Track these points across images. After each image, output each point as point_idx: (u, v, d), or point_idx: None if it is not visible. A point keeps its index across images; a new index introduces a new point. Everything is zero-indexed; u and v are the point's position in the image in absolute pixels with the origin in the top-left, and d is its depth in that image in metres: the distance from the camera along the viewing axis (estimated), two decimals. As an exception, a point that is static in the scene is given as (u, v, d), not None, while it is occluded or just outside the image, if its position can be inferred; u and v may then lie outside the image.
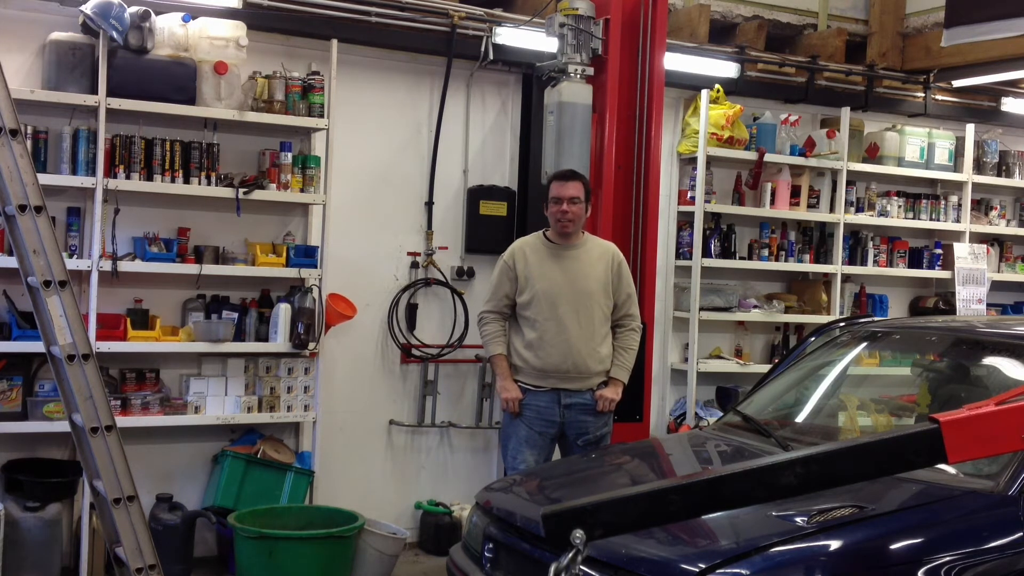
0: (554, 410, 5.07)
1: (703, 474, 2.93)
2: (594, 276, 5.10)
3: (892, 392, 5.09)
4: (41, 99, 5.21)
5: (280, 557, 5.07)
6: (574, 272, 5.09)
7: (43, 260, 3.76)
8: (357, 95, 6.20)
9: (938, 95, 7.90)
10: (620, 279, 5.15)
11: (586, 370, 5.06)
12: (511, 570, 3.75)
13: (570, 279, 5.07)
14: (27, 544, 5.15)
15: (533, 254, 5.14)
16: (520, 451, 5.09)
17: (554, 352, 5.03)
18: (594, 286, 5.08)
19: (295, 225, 6.06)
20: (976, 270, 7.83)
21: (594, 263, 5.12)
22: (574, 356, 5.03)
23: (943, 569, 3.05)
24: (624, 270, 5.18)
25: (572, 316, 5.03)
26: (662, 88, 5.48)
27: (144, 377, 5.56)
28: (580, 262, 5.11)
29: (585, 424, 5.08)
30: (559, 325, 5.03)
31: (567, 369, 5.04)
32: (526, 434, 5.09)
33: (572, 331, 5.03)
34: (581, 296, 5.05)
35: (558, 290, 5.05)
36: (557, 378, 5.05)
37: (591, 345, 5.06)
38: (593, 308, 5.07)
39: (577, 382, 5.07)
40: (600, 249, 5.19)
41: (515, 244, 5.25)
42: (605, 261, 5.13)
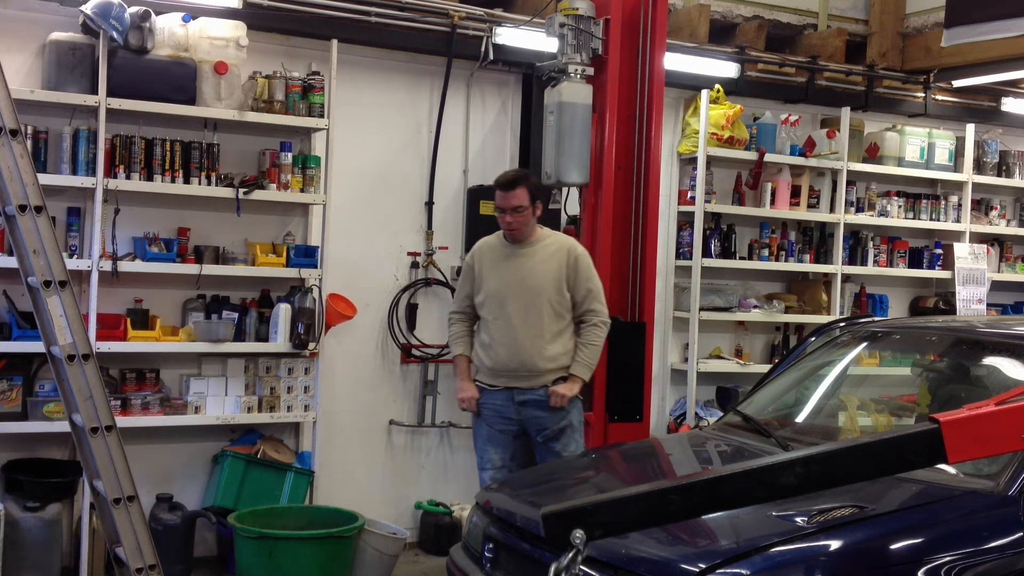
0: (510, 408, 5.04)
1: (703, 474, 2.93)
2: (545, 273, 5.01)
3: (892, 392, 5.09)
4: (41, 99, 5.21)
5: (280, 557, 5.07)
6: (524, 270, 5.03)
7: (43, 260, 3.76)
8: (357, 95, 6.20)
9: (938, 95, 7.90)
10: (577, 274, 5.04)
11: (535, 368, 4.99)
12: (511, 570, 3.75)
13: (519, 277, 5.02)
14: (27, 544, 5.15)
15: (489, 254, 5.13)
16: (485, 450, 5.11)
17: (503, 351, 5.00)
18: (544, 283, 5.00)
19: (295, 225, 6.06)
20: (976, 270, 7.83)
21: (546, 260, 5.04)
22: (522, 355, 4.98)
23: (943, 569, 3.05)
24: (582, 264, 5.06)
25: (520, 315, 4.98)
26: (662, 88, 5.48)
27: (144, 377, 5.56)
28: (532, 260, 5.05)
29: (542, 420, 5.01)
30: (507, 324, 5.00)
31: (515, 368, 5.00)
32: (487, 433, 5.11)
33: (519, 330, 4.97)
34: (529, 294, 4.99)
35: (507, 289, 5.02)
36: (508, 377, 5.02)
37: (539, 343, 4.98)
38: (542, 306, 4.98)
39: (527, 380, 5.01)
40: (556, 245, 5.09)
41: (478, 243, 5.24)
42: (559, 257, 5.03)
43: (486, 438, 5.11)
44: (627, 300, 5.45)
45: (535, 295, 4.99)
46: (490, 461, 5.08)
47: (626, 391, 5.37)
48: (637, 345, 5.41)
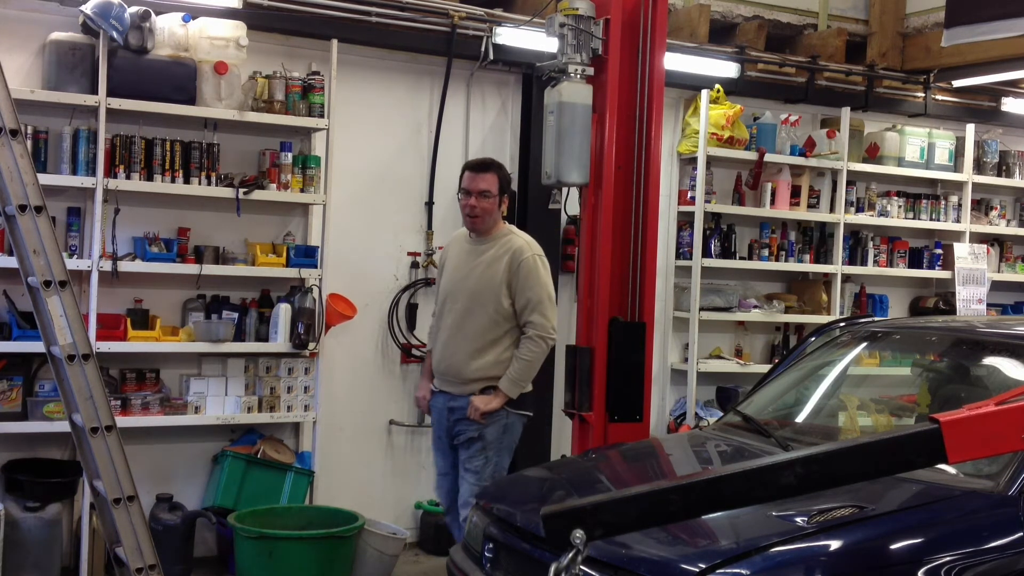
0: (443, 412, 4.90)
1: (703, 474, 2.93)
2: (489, 276, 4.78)
3: (892, 392, 5.09)
4: (41, 99, 5.22)
5: (280, 557, 5.07)
6: (474, 270, 4.83)
7: (43, 260, 3.76)
8: (357, 95, 6.20)
9: (938, 95, 7.90)
10: (519, 281, 4.77)
11: (459, 375, 4.81)
12: (511, 570, 3.75)
13: (468, 277, 4.84)
14: (27, 544, 5.15)
15: (454, 249, 4.99)
16: (434, 453, 5.08)
17: (437, 353, 4.90)
18: (485, 287, 4.77)
19: (295, 225, 6.06)
20: (976, 270, 7.83)
21: (493, 262, 4.81)
22: (449, 358, 4.83)
23: (943, 569, 3.05)
24: (524, 272, 4.77)
25: (459, 317, 4.81)
26: (662, 88, 5.47)
27: (144, 377, 5.56)
28: (481, 259, 4.84)
29: (460, 429, 4.85)
30: (447, 325, 4.87)
31: (444, 371, 4.87)
32: (433, 438, 5.06)
33: (454, 333, 4.82)
34: (471, 296, 4.80)
35: (454, 288, 4.87)
36: (441, 380, 4.91)
37: (470, 349, 4.76)
38: (480, 311, 4.77)
39: (455, 386, 4.84)
40: (507, 247, 4.83)
41: (454, 234, 5.16)
42: (505, 262, 4.78)
43: (433, 443, 5.07)
44: (627, 300, 5.43)
45: (475, 298, 4.79)
46: (437, 466, 5.04)
47: (626, 391, 5.36)
48: (637, 345, 5.40)
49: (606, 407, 5.37)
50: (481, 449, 4.78)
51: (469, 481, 4.80)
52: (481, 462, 4.78)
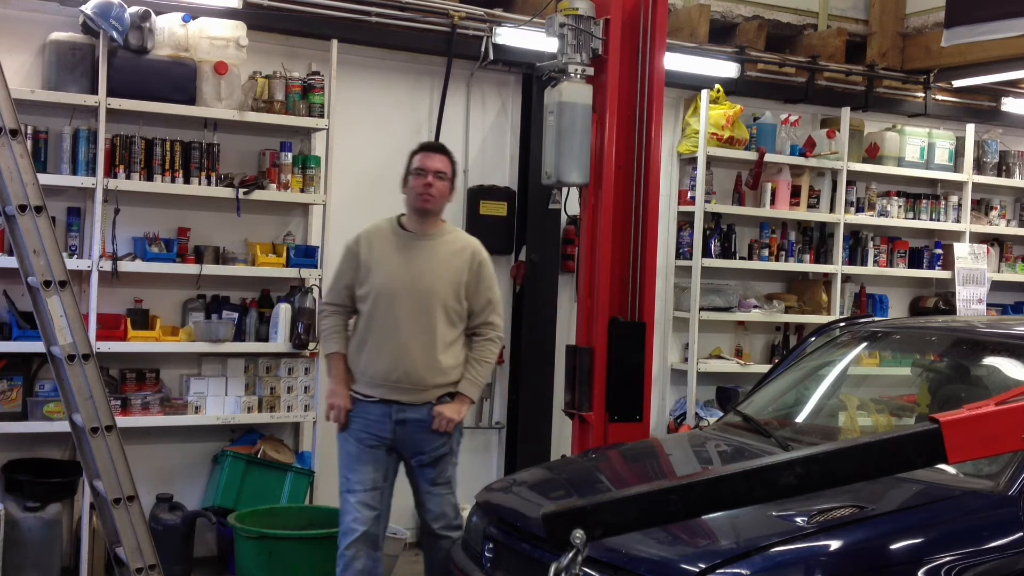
0: (385, 425, 4.40)
1: (703, 474, 2.93)
2: (444, 274, 4.43)
3: (892, 392, 5.09)
4: (41, 99, 5.22)
5: (280, 557, 5.07)
6: (421, 266, 4.43)
7: (43, 260, 3.76)
8: (357, 95, 6.20)
9: (938, 95, 7.90)
10: (479, 280, 4.49)
11: (420, 382, 4.38)
12: (511, 570, 3.75)
13: (415, 274, 4.41)
14: (27, 544, 5.15)
15: (381, 242, 4.50)
16: (352, 470, 4.42)
17: (383, 358, 4.37)
18: (441, 285, 4.41)
19: (295, 225, 6.06)
20: (976, 270, 7.83)
21: (448, 259, 4.47)
22: (406, 364, 4.35)
23: (943, 569, 3.05)
24: (486, 271, 4.52)
25: (410, 318, 4.36)
26: (662, 88, 5.47)
27: (144, 377, 5.56)
28: (431, 255, 4.46)
29: (420, 444, 4.43)
30: (393, 327, 4.36)
31: (397, 379, 4.36)
32: (355, 451, 4.43)
33: (407, 335, 4.35)
34: (424, 295, 4.39)
35: (397, 285, 4.39)
36: (387, 388, 4.38)
37: (429, 353, 4.37)
38: (435, 310, 4.39)
39: (410, 395, 4.38)
40: (460, 244, 4.54)
41: (365, 228, 4.62)
42: (463, 258, 4.47)
43: (355, 456, 4.43)
44: (627, 300, 5.44)
45: (429, 297, 4.39)
46: (360, 483, 4.40)
47: (626, 391, 5.35)
48: (637, 345, 5.40)
49: (606, 407, 5.37)
50: (450, 460, 4.55)
51: (443, 494, 4.56)
52: (451, 472, 4.56)
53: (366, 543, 4.39)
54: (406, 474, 4.57)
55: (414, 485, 4.58)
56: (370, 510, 4.40)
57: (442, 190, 4.49)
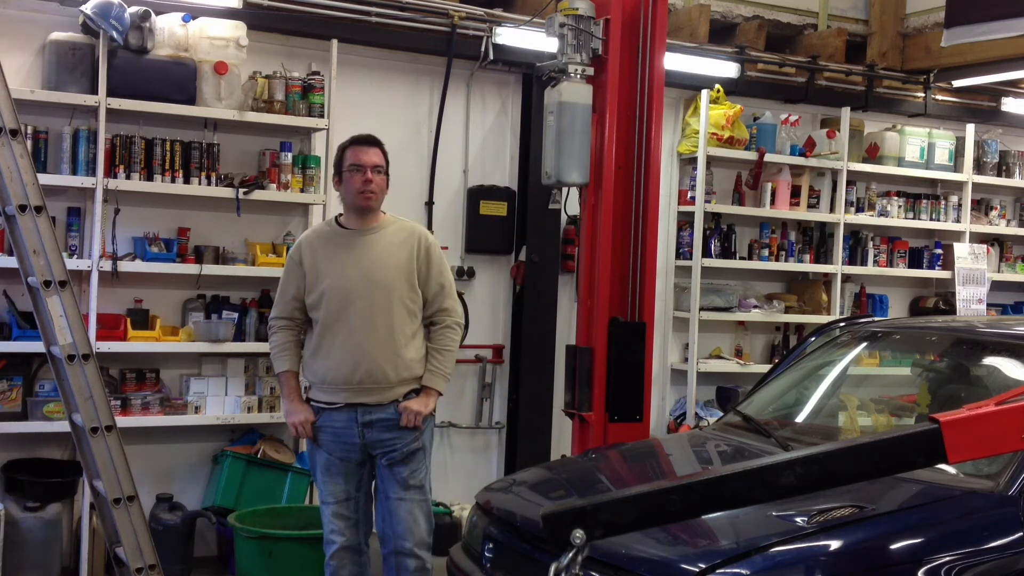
0: (353, 430, 4.23)
1: (703, 474, 2.93)
2: (394, 264, 4.25)
3: (892, 392, 5.09)
4: (41, 99, 5.22)
5: (280, 557, 5.07)
6: (369, 261, 4.25)
7: (43, 260, 3.76)
8: (357, 95, 6.20)
9: (938, 95, 7.90)
10: (429, 266, 4.30)
11: (384, 380, 4.20)
12: (511, 570, 3.74)
13: (364, 270, 4.23)
14: (27, 544, 5.15)
15: (323, 245, 4.31)
16: (324, 481, 4.32)
17: (345, 361, 4.18)
18: (394, 276, 4.23)
19: (295, 225, 6.06)
20: (976, 270, 7.83)
21: (394, 249, 4.28)
22: (367, 363, 4.17)
23: (943, 569, 3.05)
24: (434, 255, 4.33)
25: (365, 315, 4.19)
26: (662, 88, 5.47)
27: (144, 377, 5.56)
28: (377, 248, 4.28)
29: (390, 442, 4.24)
30: (349, 327, 4.19)
31: (360, 380, 4.18)
32: (326, 461, 4.30)
33: (364, 333, 4.18)
34: (377, 290, 4.20)
35: (348, 285, 4.21)
36: (350, 392, 4.20)
37: (391, 349, 4.20)
38: (393, 304, 4.21)
39: (375, 395, 4.21)
40: (404, 232, 4.34)
41: (302, 236, 4.48)
42: (409, 246, 4.29)
43: (324, 468, 4.31)
44: (627, 300, 5.44)
45: (384, 291, 4.21)
46: (331, 494, 4.29)
47: (626, 391, 5.36)
48: (637, 345, 5.40)
49: (606, 407, 5.37)
50: (422, 458, 4.31)
51: (416, 500, 4.28)
52: (423, 474, 4.32)
53: (348, 552, 4.32)
54: (377, 481, 4.35)
55: (383, 493, 4.31)
56: (345, 520, 4.31)
57: (381, 184, 4.30)
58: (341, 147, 4.39)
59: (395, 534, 4.27)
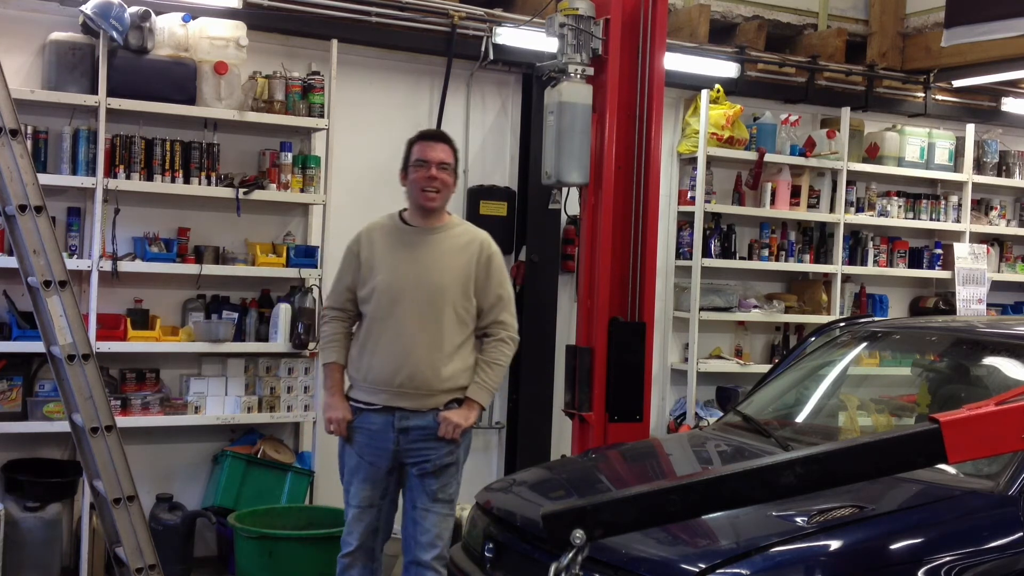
0: (388, 435, 4.07)
1: (703, 474, 2.93)
2: (451, 268, 4.10)
3: (892, 392, 5.09)
4: (41, 99, 5.22)
5: (280, 557, 5.07)
6: (426, 262, 4.11)
7: (43, 260, 3.76)
8: (357, 95, 6.20)
9: (938, 95, 7.90)
10: (489, 277, 4.15)
11: (425, 386, 4.04)
12: (511, 570, 3.75)
13: (419, 271, 4.09)
14: (27, 544, 5.15)
15: (383, 238, 4.18)
16: (351, 483, 4.16)
17: (388, 362, 4.03)
18: (448, 281, 4.09)
19: (295, 225, 6.06)
20: (976, 270, 7.83)
21: (455, 253, 4.14)
22: (410, 367, 4.02)
23: (943, 569, 3.06)
24: (495, 265, 4.18)
25: (414, 317, 4.04)
26: (662, 88, 5.47)
27: (144, 377, 5.56)
28: (437, 250, 4.13)
29: (425, 452, 4.08)
30: (396, 327, 4.04)
31: (400, 383, 4.03)
32: (356, 464, 4.14)
33: (411, 336, 4.03)
34: (430, 292, 4.06)
35: (401, 283, 4.07)
36: (390, 394, 4.05)
37: (436, 356, 4.04)
38: (444, 309, 4.06)
39: (414, 400, 4.05)
40: (467, 237, 4.20)
41: (365, 227, 4.31)
42: (470, 252, 4.14)
43: (353, 471, 4.15)
44: (627, 300, 5.44)
45: (436, 295, 4.07)
46: (356, 498, 4.13)
47: (626, 391, 5.36)
48: (637, 345, 5.40)
49: (606, 407, 5.38)
50: (454, 473, 4.17)
51: (442, 514, 4.17)
52: (454, 489, 4.20)
53: (362, 554, 4.19)
54: (405, 490, 4.21)
55: (411, 502, 4.17)
56: (366, 526, 4.16)
57: (447, 182, 4.15)
58: (409, 142, 4.25)
59: (417, 544, 4.14)
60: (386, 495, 4.18)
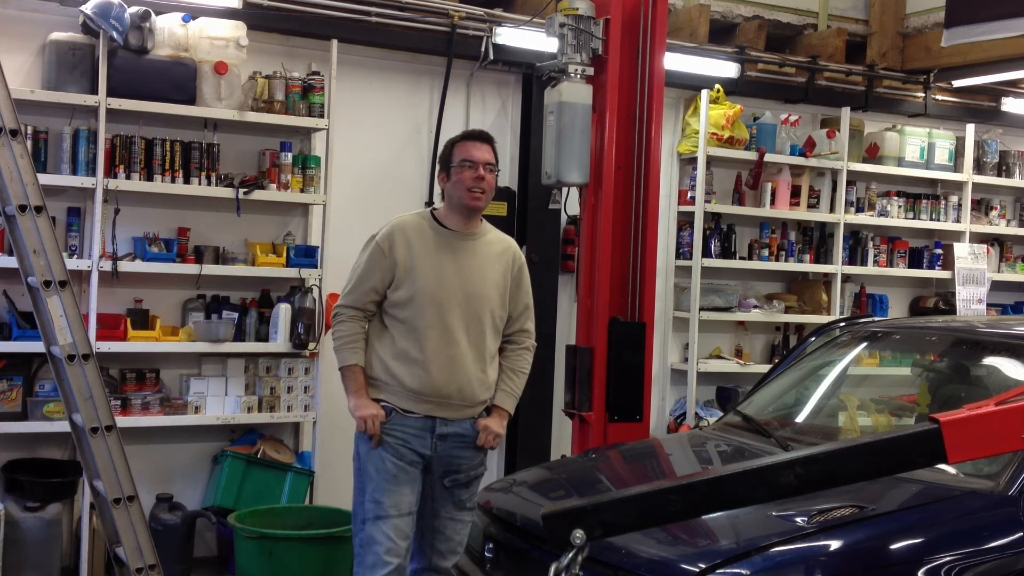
0: (426, 440, 3.89)
1: (703, 474, 2.93)
2: (491, 277, 3.98)
3: (892, 392, 5.09)
4: (41, 99, 5.22)
5: (280, 557, 5.07)
6: (468, 269, 3.95)
7: (43, 260, 3.76)
8: (357, 95, 6.20)
9: (938, 95, 7.90)
10: (519, 286, 4.06)
11: (471, 398, 3.92)
12: (511, 570, 3.75)
13: (463, 278, 3.93)
14: (27, 544, 5.15)
15: (419, 240, 3.94)
16: (386, 492, 3.84)
17: (438, 371, 3.85)
18: (491, 290, 3.96)
19: (295, 225, 6.06)
20: (976, 270, 7.83)
21: (492, 261, 4.00)
22: (460, 379, 3.88)
23: (943, 569, 3.06)
24: (524, 275, 4.10)
25: (460, 327, 3.89)
26: (662, 88, 5.47)
27: (144, 377, 5.56)
28: (477, 257, 3.98)
29: (458, 461, 3.94)
30: (446, 337, 3.87)
31: (449, 394, 3.87)
32: (394, 469, 3.86)
33: (459, 347, 3.88)
34: (474, 301, 3.92)
35: (447, 292, 3.89)
36: (435, 404, 3.88)
37: (480, 366, 3.93)
38: (485, 318, 3.94)
39: (458, 411, 3.91)
40: (501, 244, 4.07)
41: (395, 224, 4.00)
42: (505, 261, 4.04)
43: (392, 476, 3.85)
44: (627, 300, 5.44)
45: (480, 304, 3.93)
46: (395, 506, 3.84)
47: (626, 391, 5.36)
48: (637, 345, 5.41)
49: (606, 407, 5.38)
50: (479, 484, 4.06)
51: (466, 522, 4.02)
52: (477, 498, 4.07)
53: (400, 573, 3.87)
54: (427, 498, 3.98)
55: (433, 511, 3.97)
56: (405, 539, 3.87)
57: (492, 184, 3.98)
58: (450, 142, 4.07)
59: (435, 551, 3.98)
60: (419, 501, 3.95)
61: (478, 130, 4.11)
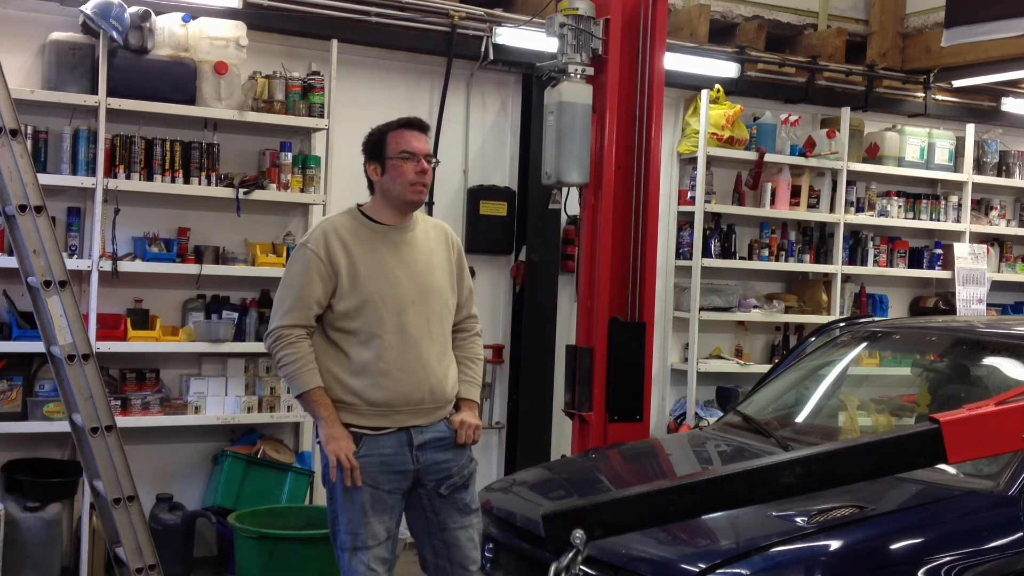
0: (405, 456, 3.60)
1: (703, 474, 2.93)
2: (439, 265, 3.74)
3: (892, 392, 5.10)
4: (41, 99, 5.21)
5: (280, 557, 5.07)
6: (415, 264, 3.69)
7: (43, 260, 3.76)
8: (357, 95, 6.19)
9: (938, 95, 7.90)
10: (461, 269, 3.83)
11: (442, 397, 3.68)
12: (511, 570, 3.75)
13: (412, 273, 3.66)
14: (27, 544, 5.15)
15: (356, 241, 3.64)
16: (364, 524, 3.56)
17: (404, 380, 3.58)
18: (440, 279, 3.73)
19: (295, 225, 6.06)
20: (976, 270, 7.83)
21: (435, 249, 3.76)
22: (431, 381, 3.63)
23: (943, 569, 3.06)
24: (463, 256, 3.87)
25: (421, 326, 3.63)
26: (662, 88, 5.47)
27: (144, 377, 5.56)
28: (419, 249, 3.73)
29: (446, 464, 3.67)
30: (407, 339, 3.60)
31: (421, 399, 3.62)
32: (371, 497, 3.57)
33: (422, 347, 3.62)
34: (428, 295, 3.67)
35: (400, 291, 3.62)
36: (407, 413, 3.61)
37: (446, 362, 3.71)
38: (443, 311, 3.72)
39: (430, 414, 3.66)
40: (436, 229, 3.84)
41: (324, 226, 3.69)
42: (446, 246, 3.80)
43: (369, 507, 3.56)
44: (627, 300, 5.44)
45: (434, 297, 3.69)
46: (374, 536, 3.58)
47: (626, 391, 5.36)
48: (637, 345, 5.41)
49: (606, 407, 5.38)
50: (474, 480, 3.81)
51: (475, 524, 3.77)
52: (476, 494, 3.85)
53: None
54: (428, 513, 3.74)
55: (439, 525, 3.72)
56: (385, 563, 3.66)
57: (430, 177, 3.78)
58: (380, 131, 3.78)
59: (452, 564, 3.73)
60: (398, 521, 3.71)
61: (416, 118, 3.83)
